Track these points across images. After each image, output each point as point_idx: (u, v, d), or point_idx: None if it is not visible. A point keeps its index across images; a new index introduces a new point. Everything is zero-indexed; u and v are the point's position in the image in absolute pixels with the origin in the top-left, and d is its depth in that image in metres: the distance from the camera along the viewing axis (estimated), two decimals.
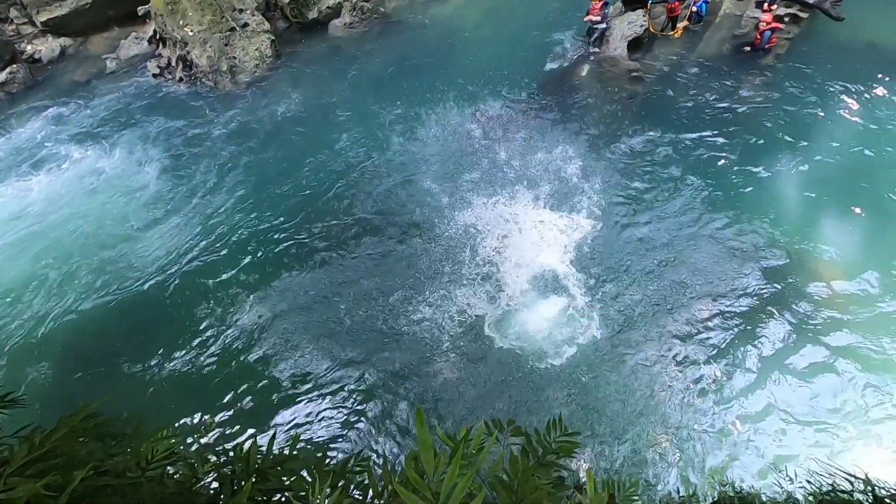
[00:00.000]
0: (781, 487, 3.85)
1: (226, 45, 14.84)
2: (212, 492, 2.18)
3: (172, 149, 12.90)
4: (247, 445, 2.33)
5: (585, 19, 12.95)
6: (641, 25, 12.80)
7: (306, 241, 10.05)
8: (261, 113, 13.59)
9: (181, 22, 14.62)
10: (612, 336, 7.84)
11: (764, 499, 3.80)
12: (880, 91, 10.62)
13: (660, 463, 6.59)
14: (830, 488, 3.15)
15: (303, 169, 11.64)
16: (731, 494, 3.97)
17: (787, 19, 11.89)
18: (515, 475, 1.53)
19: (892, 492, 2.71)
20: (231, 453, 2.36)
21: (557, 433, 2.22)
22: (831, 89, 10.89)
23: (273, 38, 15.37)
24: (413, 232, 9.85)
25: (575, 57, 13.18)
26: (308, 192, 11.08)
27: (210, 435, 7.01)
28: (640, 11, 13.06)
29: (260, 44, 15.08)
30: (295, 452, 2.24)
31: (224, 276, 9.64)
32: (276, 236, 10.25)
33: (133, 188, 11.90)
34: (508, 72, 13.21)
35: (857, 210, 8.87)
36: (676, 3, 12.63)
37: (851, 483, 3.17)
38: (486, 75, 13.27)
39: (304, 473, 2.31)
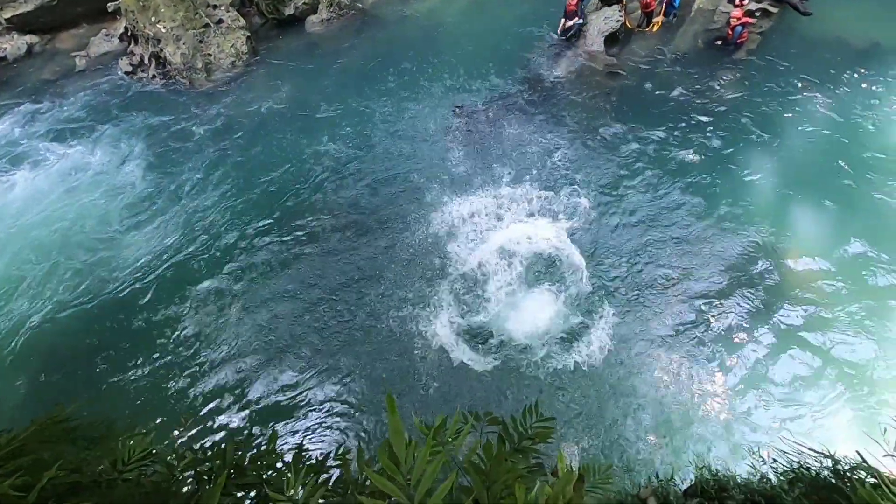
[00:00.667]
0: (755, 468, 3.98)
1: (200, 41, 14.57)
2: (189, 490, 2.17)
3: (151, 147, 12.63)
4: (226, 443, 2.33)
5: (563, 23, 13.02)
6: (617, 21, 12.94)
7: (287, 240, 9.97)
8: (239, 111, 13.39)
9: (153, 18, 14.31)
10: (592, 325, 7.96)
11: (739, 480, 3.92)
12: (848, 84, 10.93)
13: (639, 448, 6.72)
14: (799, 466, 3.27)
15: (284, 167, 11.53)
16: (708, 477, 4.08)
17: (757, 14, 12.14)
18: (489, 460, 1.56)
19: (853, 465, 2.82)
20: (209, 451, 2.35)
21: (533, 419, 2.26)
22: (801, 83, 11.17)
23: (249, 34, 15.14)
24: (396, 227, 9.84)
25: (553, 52, 13.27)
26: (290, 190, 10.97)
27: (188, 434, 6.94)
28: (615, 7, 13.20)
29: (235, 40, 14.84)
30: (273, 447, 2.24)
31: (203, 277, 9.50)
32: (255, 236, 10.13)
33: (113, 187, 11.64)
34: (488, 67, 13.24)
35: (828, 199, 9.13)
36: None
37: (819, 461, 3.29)
38: (466, 70, 13.29)
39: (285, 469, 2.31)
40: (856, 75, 11.01)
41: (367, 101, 12.93)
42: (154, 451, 2.44)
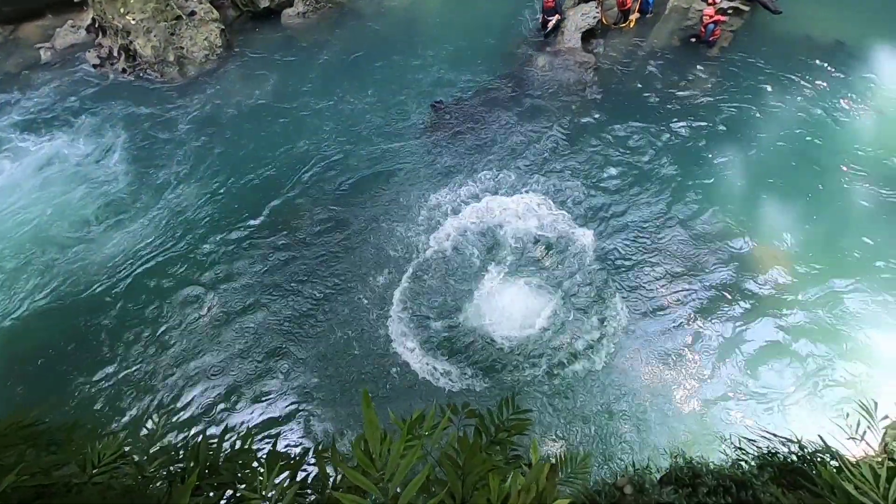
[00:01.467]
0: (727, 455, 4.09)
1: (172, 34, 14.19)
2: (160, 491, 2.13)
3: (123, 142, 12.30)
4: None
5: (543, 18, 13.07)
6: (594, 17, 13.05)
7: (264, 239, 9.83)
8: (213, 105, 13.10)
9: (122, 9, 13.87)
10: (567, 319, 8.05)
11: (711, 466, 4.03)
12: (817, 80, 11.24)
13: (616, 438, 6.85)
14: (768, 452, 3.38)
15: (261, 163, 11.34)
16: (682, 464, 4.19)
17: (729, 12, 12.38)
18: (464, 452, 1.57)
19: (817, 449, 2.93)
20: (182, 452, 2.30)
21: (510, 412, 2.27)
22: (771, 79, 11.45)
23: (223, 27, 14.80)
24: (377, 223, 9.79)
25: (532, 47, 13.31)
26: (267, 187, 10.81)
27: (160, 434, 6.81)
28: (592, 3, 13.31)
29: (209, 33, 14.49)
30: (248, 446, 2.21)
31: (176, 277, 9.33)
32: (231, 235, 9.97)
33: (85, 182, 11.34)
34: (467, 61, 13.22)
35: (794, 193, 9.39)
36: None
37: (787, 447, 3.41)
38: (445, 64, 13.24)
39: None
40: (822, 73, 11.33)
41: (345, 96, 12.79)
42: (125, 453, 2.38)
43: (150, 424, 7.22)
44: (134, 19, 13.85)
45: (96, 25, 14.68)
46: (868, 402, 2.98)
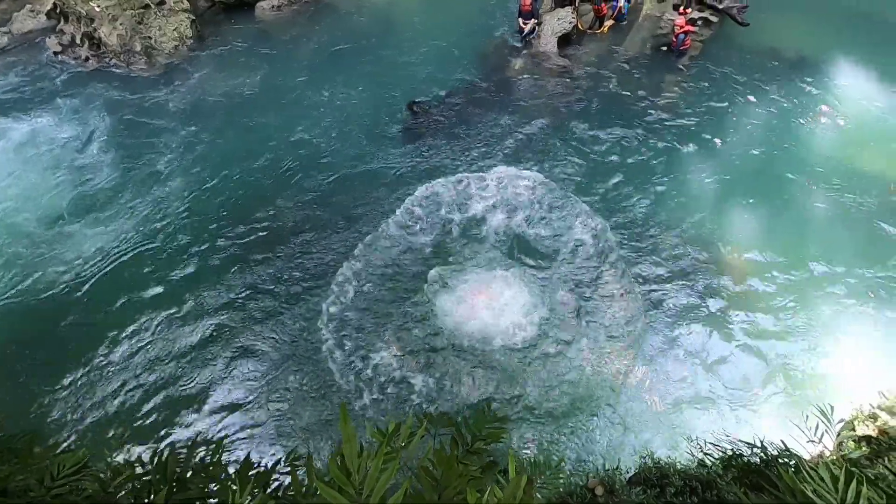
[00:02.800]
0: (693, 456, 4.22)
1: (139, 23, 13.70)
2: None
3: (85, 134, 11.79)
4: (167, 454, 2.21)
5: (520, 22, 13.17)
6: (570, 22, 13.23)
7: (236, 241, 9.57)
8: (182, 98, 12.70)
9: None
10: (540, 321, 8.14)
11: (678, 467, 4.15)
12: (781, 91, 11.69)
13: (587, 440, 6.97)
14: (732, 454, 3.50)
15: (234, 160, 11.06)
16: (651, 465, 4.30)
17: (699, 23, 12.74)
18: (441, 464, 1.56)
19: (780, 451, 3.04)
20: (148, 464, 2.23)
21: (486, 420, 2.28)
22: (739, 88, 11.85)
23: (194, 18, 14.37)
24: (353, 226, 9.67)
25: (509, 49, 13.40)
26: (236, 186, 10.53)
27: (124, 447, 6.56)
28: (568, 8, 13.49)
29: (179, 24, 14.05)
30: (218, 458, 2.15)
31: (147, 276, 9.01)
32: (201, 235, 9.68)
33: (46, 174, 10.79)
34: (444, 62, 13.22)
35: (758, 201, 9.72)
36: (602, 3, 13.19)
37: (750, 449, 3.54)
38: (422, 64, 13.20)
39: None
40: (785, 84, 11.79)
41: (320, 93, 12.60)
42: (87, 466, 2.29)
43: (113, 435, 6.95)
44: (99, 6, 13.31)
45: (57, 11, 14.04)
46: (826, 406, 3.12)
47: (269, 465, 2.35)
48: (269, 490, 2.06)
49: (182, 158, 11.20)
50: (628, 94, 11.97)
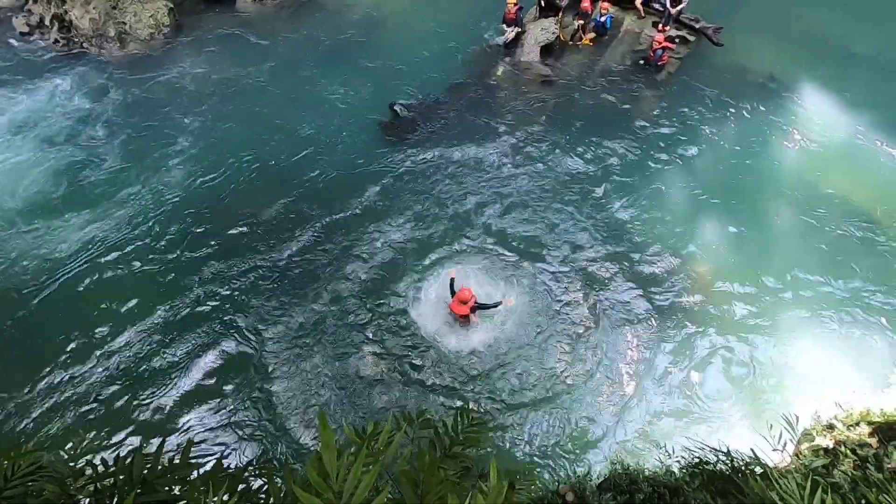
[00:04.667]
0: (662, 463, 4.30)
1: (114, 7, 13.27)
2: None
3: (49, 119, 11.35)
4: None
5: (504, 32, 13.31)
6: (553, 33, 13.42)
7: (205, 240, 9.36)
8: (155, 88, 12.33)
9: None
10: (512, 331, 8.19)
11: (647, 473, 4.23)
12: (751, 109, 12.09)
13: (559, 447, 7.04)
14: (700, 461, 3.59)
15: (203, 156, 10.81)
16: (620, 471, 4.37)
17: (677, 41, 13.10)
18: (422, 469, 1.54)
19: (747, 460, 3.13)
20: (112, 466, 2.13)
21: (465, 424, 2.27)
22: (712, 105, 12.21)
23: (172, 6, 14.00)
24: (324, 231, 9.55)
25: (493, 55, 13.49)
26: (206, 185, 10.29)
27: (88, 447, 6.29)
28: (552, 19, 13.68)
29: (156, 11, 13.66)
30: (187, 459, 2.07)
31: (117, 272, 8.71)
32: (168, 232, 9.43)
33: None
34: (429, 64, 13.22)
35: (726, 213, 10.01)
36: (578, 17, 13.44)
37: (717, 456, 3.63)
38: (406, 66, 13.17)
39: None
40: (756, 102, 12.22)
41: (299, 90, 12.44)
42: (43, 467, 2.18)
43: (75, 435, 6.65)
44: None
45: None
46: (791, 415, 3.22)
47: (241, 467, 2.29)
48: (240, 493, 1.99)
49: (154, 151, 10.88)
50: (607, 105, 12.21)
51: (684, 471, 3.81)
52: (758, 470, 3.22)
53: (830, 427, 5.14)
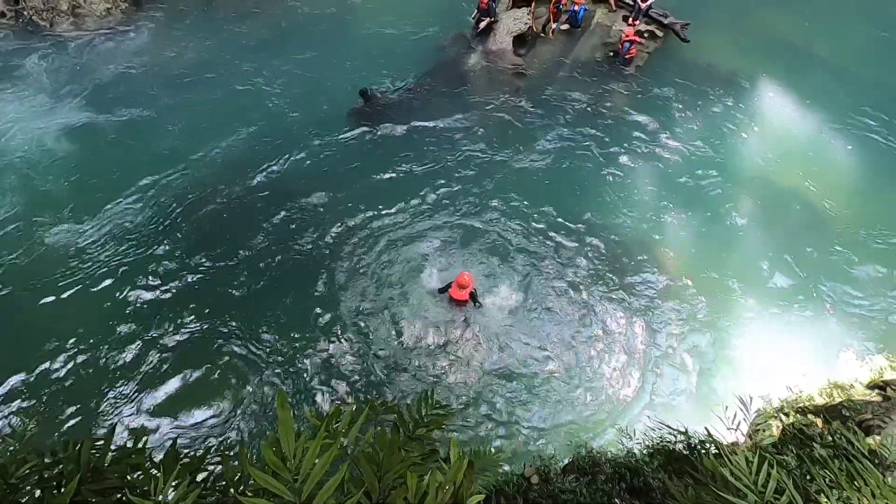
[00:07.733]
0: (623, 445, 4.44)
1: None
2: (30, 499, 1.86)
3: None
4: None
5: (477, 17, 13.24)
6: (526, 23, 13.44)
7: (161, 230, 9.05)
8: (107, 66, 11.76)
9: None
10: (481, 319, 8.27)
11: (609, 455, 4.36)
12: (716, 105, 12.45)
13: (524, 431, 7.17)
14: (659, 441, 3.71)
15: (157, 141, 10.40)
16: (584, 454, 4.49)
17: (645, 35, 13.34)
18: (382, 448, 1.53)
19: (702, 439, 3.25)
20: (60, 454, 2.04)
21: (429, 407, 2.27)
22: (678, 99, 12.51)
23: None
24: (284, 224, 9.36)
25: (466, 44, 13.42)
26: (158, 172, 9.90)
27: (33, 435, 6.02)
28: (525, 9, 13.69)
29: None
30: (141, 446, 2.00)
31: (66, 264, 8.31)
32: (116, 222, 9.08)
33: None
34: (401, 50, 13.05)
35: (693, 205, 10.33)
36: (552, 6, 13.49)
37: (674, 436, 3.77)
38: (378, 52, 12.97)
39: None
40: (719, 97, 12.58)
41: (264, 73, 12.10)
42: None
43: (20, 421, 6.36)
44: None
45: None
46: (745, 396, 3.37)
47: (198, 455, 2.23)
48: (199, 479, 1.94)
49: (107, 132, 10.40)
50: (576, 96, 12.35)
51: (644, 451, 3.94)
52: (712, 449, 3.36)
53: (781, 409, 5.41)
